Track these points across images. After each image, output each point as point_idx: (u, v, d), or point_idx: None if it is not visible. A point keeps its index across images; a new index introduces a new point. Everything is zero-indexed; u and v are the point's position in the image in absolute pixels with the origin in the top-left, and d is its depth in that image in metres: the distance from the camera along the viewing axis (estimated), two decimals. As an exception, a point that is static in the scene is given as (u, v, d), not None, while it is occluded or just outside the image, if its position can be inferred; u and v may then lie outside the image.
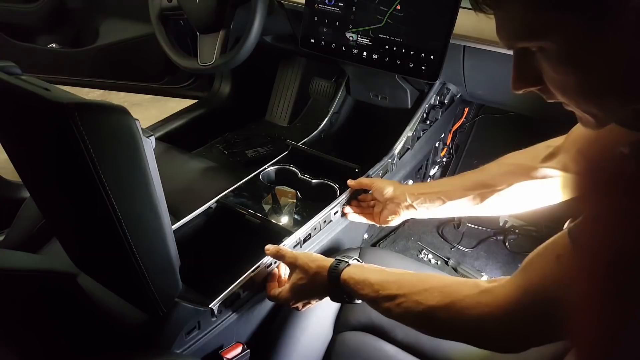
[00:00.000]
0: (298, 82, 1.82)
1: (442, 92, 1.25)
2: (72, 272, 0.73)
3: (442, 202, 0.90)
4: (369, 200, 1.03)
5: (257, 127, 1.82)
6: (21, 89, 0.51)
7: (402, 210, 0.94)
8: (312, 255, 0.80)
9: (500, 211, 0.88)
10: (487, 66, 1.10)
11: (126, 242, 0.57)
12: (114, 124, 0.51)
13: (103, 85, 1.96)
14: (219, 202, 1.00)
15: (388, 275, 0.70)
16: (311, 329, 0.87)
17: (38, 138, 0.56)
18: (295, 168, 1.12)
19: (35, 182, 0.67)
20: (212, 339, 0.79)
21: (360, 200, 1.04)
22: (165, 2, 1.27)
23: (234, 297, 0.80)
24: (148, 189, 0.57)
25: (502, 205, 0.86)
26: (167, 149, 1.36)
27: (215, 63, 1.22)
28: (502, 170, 0.85)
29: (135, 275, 0.60)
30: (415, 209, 0.93)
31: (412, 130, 1.18)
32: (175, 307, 0.70)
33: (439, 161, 1.50)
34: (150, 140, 0.56)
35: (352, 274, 0.73)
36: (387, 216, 0.96)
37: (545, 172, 0.80)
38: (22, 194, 1.46)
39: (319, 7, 1.14)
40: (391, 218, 0.96)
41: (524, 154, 0.85)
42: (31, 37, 1.90)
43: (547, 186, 0.80)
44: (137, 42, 1.88)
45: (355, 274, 0.72)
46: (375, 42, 1.09)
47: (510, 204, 0.85)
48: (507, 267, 1.37)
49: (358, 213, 1.02)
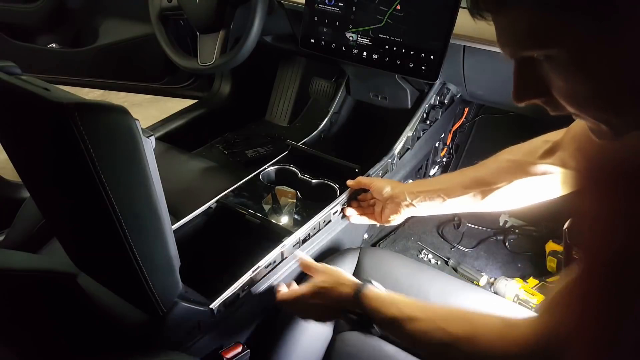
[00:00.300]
0: (298, 82, 1.82)
1: (442, 92, 1.25)
2: (72, 272, 0.73)
3: (442, 200, 0.90)
4: (369, 199, 1.03)
5: (257, 127, 1.82)
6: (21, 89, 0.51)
7: (402, 209, 0.94)
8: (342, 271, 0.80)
9: (501, 207, 0.88)
10: (487, 66, 1.10)
11: (126, 242, 0.57)
12: (114, 124, 0.51)
13: (103, 85, 1.95)
14: (219, 202, 1.00)
15: (411, 299, 0.69)
16: (311, 329, 0.87)
17: (38, 138, 0.56)
18: (295, 168, 1.12)
19: (35, 182, 0.67)
20: (212, 339, 0.79)
21: (360, 200, 1.04)
22: (165, 2, 1.27)
23: (234, 297, 0.80)
24: (148, 189, 0.57)
25: (502, 202, 0.86)
26: (167, 149, 1.37)
27: (215, 63, 1.22)
28: (502, 166, 0.85)
29: (135, 275, 0.60)
30: (415, 207, 0.93)
31: (412, 130, 1.18)
32: (175, 307, 0.70)
33: (439, 161, 1.51)
34: (150, 140, 0.56)
35: (374, 290, 0.72)
36: (388, 215, 0.96)
37: (544, 169, 0.80)
38: (22, 194, 1.46)
39: (319, 7, 1.14)
40: (393, 217, 0.96)
41: (522, 150, 0.84)
42: (31, 37, 1.90)
43: (546, 182, 0.80)
44: (137, 42, 1.88)
45: (380, 292, 0.72)
46: (375, 42, 1.09)
47: (511, 201, 0.85)
48: (507, 267, 1.37)
49: (359, 214, 1.02)
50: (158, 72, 1.91)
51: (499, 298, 0.91)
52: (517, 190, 0.83)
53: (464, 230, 1.48)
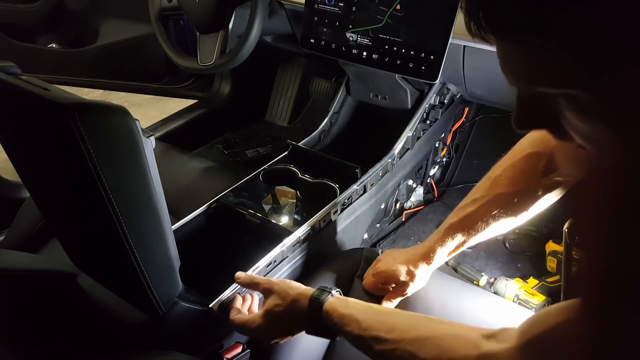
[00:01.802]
0: (298, 82, 1.82)
1: (442, 92, 1.25)
2: (72, 272, 0.73)
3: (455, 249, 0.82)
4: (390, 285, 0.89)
5: (257, 127, 1.82)
6: (21, 89, 0.51)
7: (417, 279, 0.84)
8: (290, 282, 0.73)
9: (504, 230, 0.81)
10: (487, 66, 1.10)
11: (126, 242, 0.57)
12: (114, 124, 0.51)
13: (103, 85, 1.95)
14: (219, 202, 1.00)
15: (377, 314, 0.63)
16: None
17: (38, 138, 0.56)
18: (295, 168, 1.12)
19: (35, 182, 0.67)
20: (212, 339, 0.79)
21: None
22: (165, 2, 1.27)
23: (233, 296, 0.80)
24: (148, 189, 0.57)
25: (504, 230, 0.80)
26: (167, 149, 1.37)
27: (215, 63, 1.22)
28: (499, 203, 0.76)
29: (135, 275, 0.60)
30: (421, 274, 0.84)
31: (412, 130, 1.18)
32: (175, 307, 0.70)
33: (439, 161, 1.51)
34: (150, 140, 0.56)
35: (336, 305, 0.65)
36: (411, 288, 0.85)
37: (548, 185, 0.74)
38: (22, 194, 1.46)
39: (319, 7, 1.14)
40: (412, 288, 0.86)
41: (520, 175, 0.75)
42: (31, 37, 1.90)
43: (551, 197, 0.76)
44: (137, 42, 1.88)
45: (339, 307, 0.65)
46: (375, 42, 1.09)
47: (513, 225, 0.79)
48: (507, 267, 1.37)
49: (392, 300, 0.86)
50: (158, 72, 1.91)
51: (499, 298, 0.91)
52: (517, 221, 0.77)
53: (464, 230, 1.48)
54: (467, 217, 0.79)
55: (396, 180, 1.23)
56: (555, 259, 1.26)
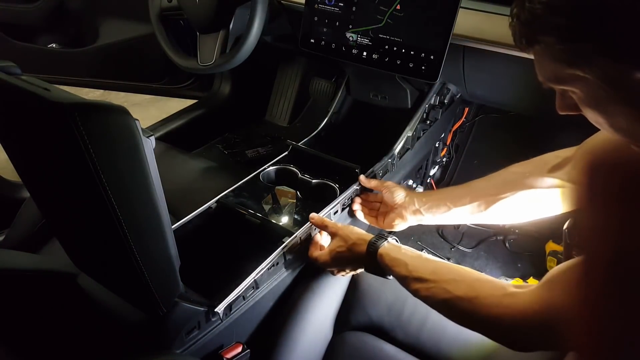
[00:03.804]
0: (298, 82, 1.82)
1: (442, 92, 1.25)
2: (72, 272, 0.73)
3: (448, 209, 0.90)
4: (378, 200, 1.02)
5: (257, 127, 1.82)
6: (21, 89, 0.51)
7: (408, 215, 0.94)
8: (353, 227, 0.85)
9: (504, 219, 0.88)
10: (487, 66, 1.10)
11: (126, 242, 0.57)
12: (114, 124, 0.51)
13: (103, 85, 1.95)
14: (219, 202, 1.00)
15: (422, 260, 0.74)
16: (311, 329, 0.87)
17: (38, 138, 0.56)
18: (295, 168, 1.12)
19: (35, 182, 0.67)
20: (212, 339, 0.79)
21: (368, 200, 1.04)
22: (165, 2, 1.27)
23: (240, 300, 0.80)
24: (148, 189, 0.57)
25: (505, 214, 0.86)
26: (167, 149, 1.37)
27: (215, 63, 1.22)
28: (508, 178, 0.86)
29: (135, 275, 0.60)
30: (422, 215, 0.93)
31: (412, 130, 1.18)
32: (175, 307, 0.70)
33: (439, 161, 1.50)
34: (150, 140, 0.56)
35: (389, 250, 0.76)
36: (393, 219, 0.96)
37: (551, 182, 0.80)
38: (22, 194, 1.46)
39: (319, 7, 1.14)
40: (397, 222, 0.96)
41: (532, 163, 0.85)
42: (31, 37, 1.90)
43: (551, 196, 0.80)
44: (137, 42, 1.88)
45: (392, 252, 0.76)
46: (375, 42, 1.09)
47: (514, 213, 0.85)
48: (507, 267, 1.37)
49: (365, 214, 1.02)
50: (158, 72, 1.91)
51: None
52: (521, 202, 0.83)
53: (464, 231, 1.48)
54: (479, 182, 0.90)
55: (396, 180, 1.23)
56: (555, 259, 1.27)
